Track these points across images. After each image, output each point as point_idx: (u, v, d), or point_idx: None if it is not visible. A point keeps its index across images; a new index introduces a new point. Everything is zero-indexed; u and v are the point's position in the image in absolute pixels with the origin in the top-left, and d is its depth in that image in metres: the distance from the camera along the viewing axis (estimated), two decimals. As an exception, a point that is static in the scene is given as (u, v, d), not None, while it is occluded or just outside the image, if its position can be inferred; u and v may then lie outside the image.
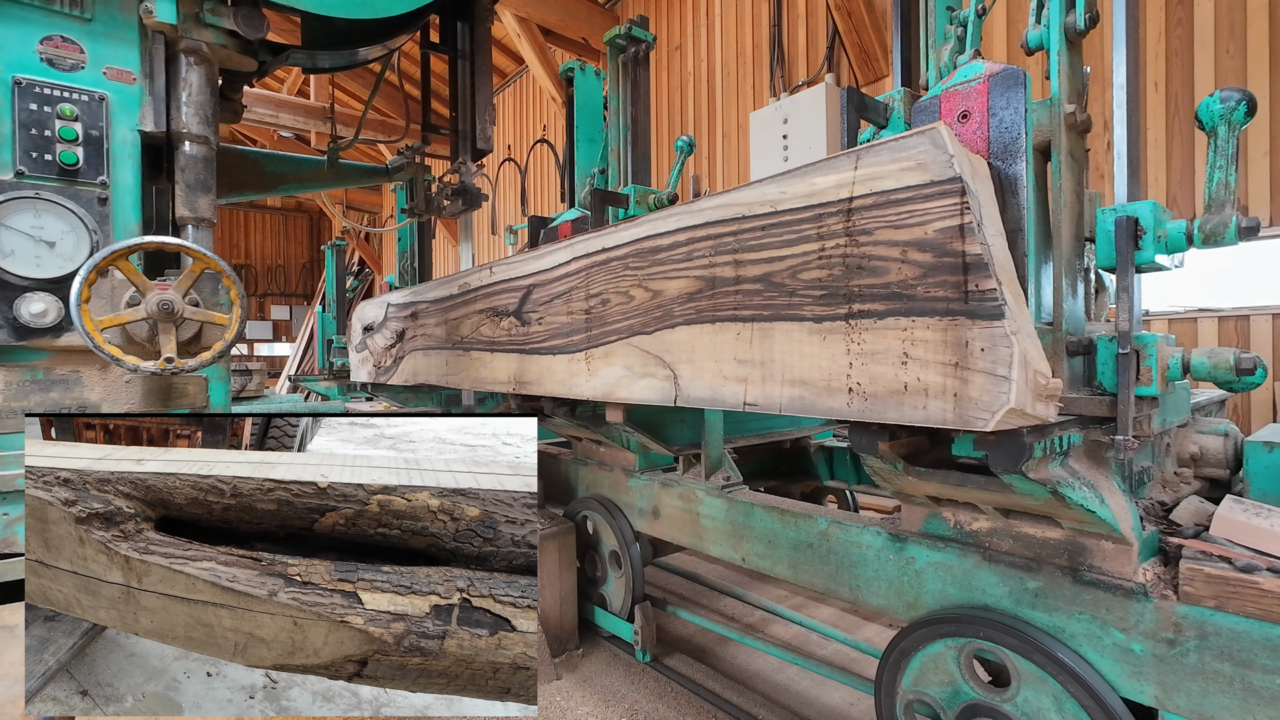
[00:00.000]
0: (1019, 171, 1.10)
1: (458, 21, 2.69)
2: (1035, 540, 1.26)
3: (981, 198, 1.00)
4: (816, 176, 1.14)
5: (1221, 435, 1.64)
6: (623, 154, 2.78)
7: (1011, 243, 1.09)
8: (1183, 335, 3.79)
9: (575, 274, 1.78)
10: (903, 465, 1.28)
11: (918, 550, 1.41)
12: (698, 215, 1.39)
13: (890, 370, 1.04)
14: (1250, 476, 1.47)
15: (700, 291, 1.38)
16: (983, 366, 0.93)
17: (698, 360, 1.39)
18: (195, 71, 1.70)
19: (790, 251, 1.19)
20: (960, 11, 1.44)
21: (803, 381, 1.18)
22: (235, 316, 1.61)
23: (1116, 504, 1.17)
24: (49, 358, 1.57)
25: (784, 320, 1.20)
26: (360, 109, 10.57)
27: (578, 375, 1.78)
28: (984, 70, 1.13)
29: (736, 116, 6.38)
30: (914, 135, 1.01)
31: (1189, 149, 3.72)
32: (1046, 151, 1.19)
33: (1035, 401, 0.95)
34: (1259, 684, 0.99)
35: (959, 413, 0.96)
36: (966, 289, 0.95)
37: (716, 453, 2.06)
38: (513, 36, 7.57)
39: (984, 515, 1.35)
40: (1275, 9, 3.45)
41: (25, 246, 1.49)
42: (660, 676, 2.34)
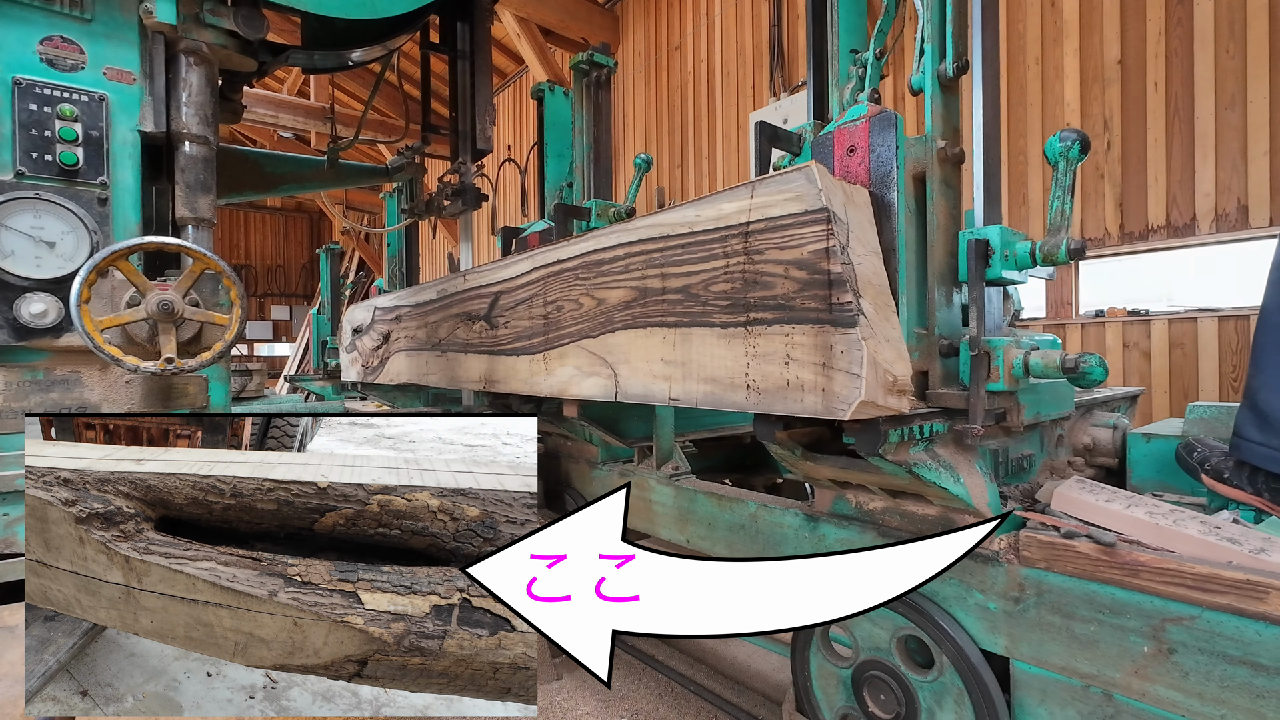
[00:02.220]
0: (893, 199, 1.26)
1: (458, 21, 2.69)
2: (917, 516, 1.44)
3: (852, 223, 1.17)
4: (723, 203, 1.31)
5: (1111, 428, 1.82)
6: (586, 170, 2.93)
7: (887, 260, 1.25)
8: (1183, 335, 3.79)
9: (535, 282, 1.94)
10: (801, 451, 1.46)
11: (828, 528, 1.59)
12: (633, 233, 1.54)
13: (777, 369, 1.22)
14: (1132, 464, 1.72)
15: (635, 300, 1.54)
16: (842, 366, 1.11)
17: (633, 361, 1.56)
18: (195, 72, 1.70)
19: (704, 267, 1.36)
20: (862, 54, 1.61)
21: (713, 379, 1.35)
22: (235, 317, 1.61)
23: (974, 483, 1.34)
24: (49, 358, 1.57)
25: (699, 326, 1.37)
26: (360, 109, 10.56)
27: (537, 374, 1.95)
28: (866, 112, 1.30)
29: (736, 117, 6.38)
30: (794, 171, 1.18)
31: (1189, 149, 3.72)
32: (923, 180, 1.34)
33: (886, 395, 1.12)
34: (1080, 631, 1.16)
35: (826, 404, 1.14)
36: (830, 301, 1.12)
37: (667, 445, 2.23)
38: (513, 36, 7.57)
39: (877, 496, 1.53)
40: (1275, 9, 3.45)
41: (25, 247, 1.49)
42: (660, 676, 2.34)
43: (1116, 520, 1.23)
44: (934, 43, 1.38)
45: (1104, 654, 1.13)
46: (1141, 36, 3.94)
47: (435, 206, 3.07)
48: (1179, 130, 3.77)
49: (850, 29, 1.67)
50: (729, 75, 6.50)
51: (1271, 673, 0.97)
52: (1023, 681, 1.25)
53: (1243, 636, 0.99)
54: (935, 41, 1.38)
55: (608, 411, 2.32)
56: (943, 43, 1.37)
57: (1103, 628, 1.13)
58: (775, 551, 1.71)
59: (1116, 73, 4.05)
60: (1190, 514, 1.22)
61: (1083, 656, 1.15)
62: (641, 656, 2.45)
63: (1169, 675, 1.06)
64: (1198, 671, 1.03)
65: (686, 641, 2.61)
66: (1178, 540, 1.13)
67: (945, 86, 1.39)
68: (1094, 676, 1.14)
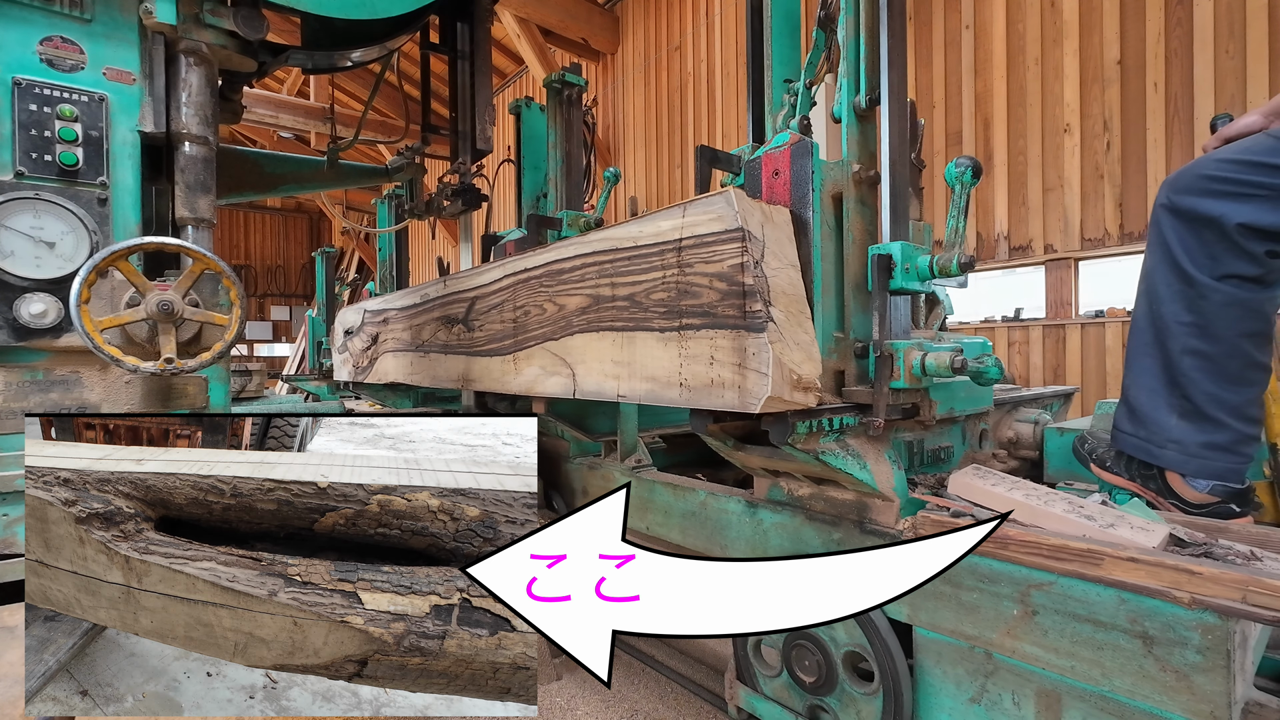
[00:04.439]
0: (809, 218, 1.40)
1: (458, 22, 2.69)
2: (838, 501, 1.59)
3: (769, 240, 1.31)
4: (662, 221, 1.45)
5: (1032, 423, 2.01)
6: (559, 182, 3.12)
7: (805, 273, 1.39)
8: (1182, 335, 3.79)
9: (506, 289, 2.08)
10: (733, 442, 1.61)
11: (765, 514, 1.74)
12: (588, 246, 1.68)
13: (704, 369, 1.35)
14: (1048, 456, 1.91)
15: (590, 306, 1.67)
16: (754, 366, 1.24)
17: (588, 361, 1.69)
18: (195, 72, 1.69)
19: (646, 277, 1.49)
20: (794, 84, 1.75)
21: (653, 378, 1.48)
22: (235, 317, 1.61)
23: (880, 470, 1.49)
24: (49, 358, 1.57)
25: (642, 330, 1.50)
26: (360, 109, 10.56)
27: (508, 374, 2.10)
28: (788, 140, 1.44)
29: (736, 117, 6.38)
30: (717, 195, 1.32)
31: (1189, 149, 3.72)
32: (841, 199, 1.48)
33: (792, 392, 1.25)
34: (965, 599, 1.29)
35: (741, 400, 1.27)
36: (745, 309, 1.25)
37: (630, 440, 2.39)
38: (512, 37, 7.57)
39: (804, 483, 1.67)
40: (1275, 9, 3.45)
41: (25, 247, 1.49)
42: (660, 676, 2.34)
43: (998, 501, 1.40)
44: (850, 78, 1.54)
45: (984, 618, 1.27)
46: (1141, 37, 3.94)
47: (435, 207, 3.07)
48: (1179, 130, 3.77)
49: (783, 60, 1.81)
50: (729, 75, 6.50)
51: (1108, 628, 1.13)
52: (922, 645, 1.39)
53: (1086, 598, 1.14)
54: (851, 77, 1.54)
55: (575, 409, 2.48)
56: (858, 78, 1.53)
57: (983, 595, 1.27)
58: (720, 535, 1.87)
59: (1116, 73, 4.05)
60: (1061, 496, 1.38)
61: (968, 621, 1.29)
62: (641, 656, 2.46)
63: (1033, 634, 1.21)
64: (1055, 629, 1.18)
65: (686, 641, 2.61)
66: (1045, 518, 1.30)
67: (861, 116, 1.54)
68: (977, 638, 1.28)
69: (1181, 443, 1.40)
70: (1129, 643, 1.10)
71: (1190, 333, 1.37)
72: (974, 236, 4.77)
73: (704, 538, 1.92)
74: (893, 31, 1.49)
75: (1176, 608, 1.05)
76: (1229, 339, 1.34)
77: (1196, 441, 1.39)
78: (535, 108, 3.31)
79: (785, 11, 1.82)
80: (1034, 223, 4.47)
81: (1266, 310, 1.35)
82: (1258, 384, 1.38)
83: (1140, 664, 1.09)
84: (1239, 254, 1.31)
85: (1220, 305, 1.33)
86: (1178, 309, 1.38)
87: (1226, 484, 1.40)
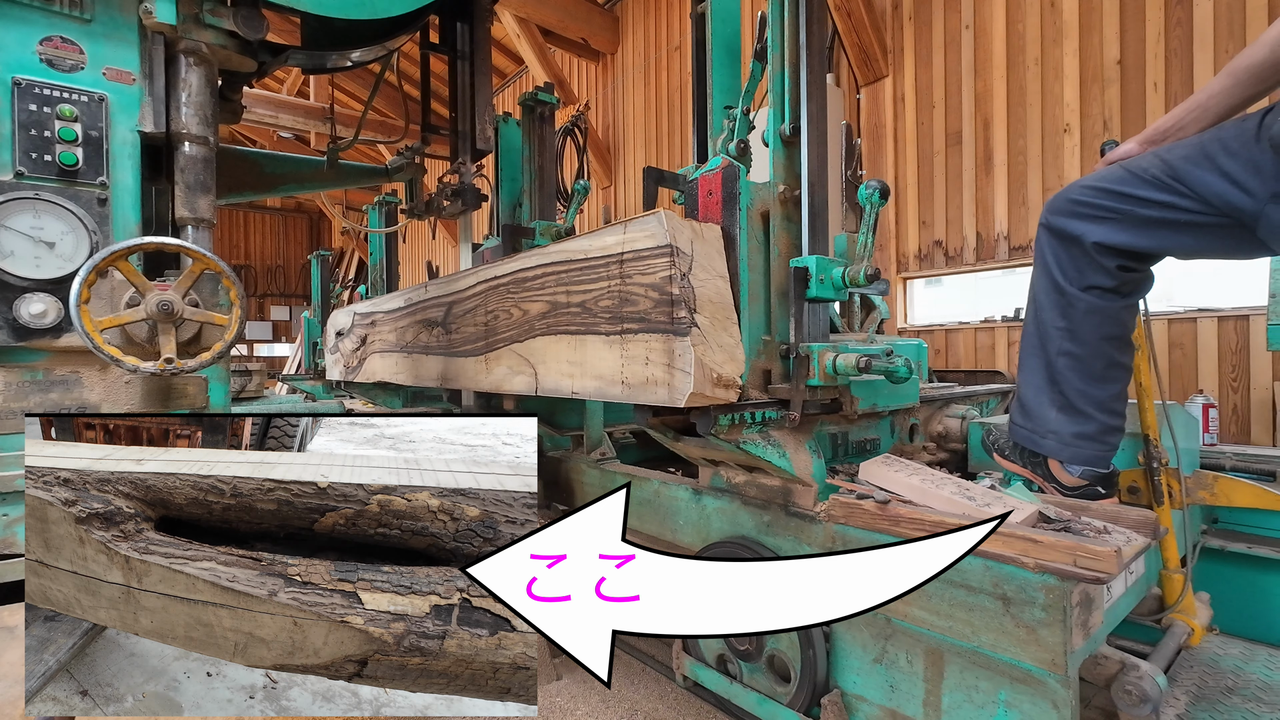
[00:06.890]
0: (737, 234, 1.55)
1: (457, 22, 2.68)
2: (767, 487, 1.76)
3: (697, 254, 1.46)
4: (607, 237, 1.59)
5: (960, 418, 2.19)
6: (532, 194, 3.29)
7: (733, 283, 1.53)
8: (1183, 335, 3.80)
9: (479, 294, 2.23)
10: (673, 434, 1.76)
11: (708, 500, 1.94)
12: (548, 257, 1.82)
13: (641, 368, 1.49)
14: (971, 449, 2.11)
15: (549, 312, 1.82)
16: (680, 366, 1.38)
17: (548, 362, 1.83)
18: (195, 72, 1.69)
19: (595, 286, 1.63)
20: (733, 110, 1.92)
21: (600, 376, 1.61)
22: (235, 317, 1.61)
23: (799, 459, 1.66)
24: (49, 358, 1.57)
25: (591, 334, 1.64)
26: (360, 109, 10.56)
27: (480, 373, 2.24)
28: (720, 164, 1.59)
29: (736, 117, 6.37)
30: (650, 215, 1.47)
31: (1188, 149, 3.71)
32: (768, 217, 1.62)
33: (714, 389, 1.40)
34: None
35: (671, 396, 1.41)
36: (672, 316, 1.40)
37: (596, 434, 2.58)
38: (512, 37, 7.57)
39: (739, 472, 1.83)
40: (1275, 9, 3.45)
41: (25, 247, 1.49)
42: (660, 676, 2.34)
43: (899, 485, 1.57)
44: (776, 108, 1.69)
45: (883, 587, 1.44)
46: (1141, 37, 3.94)
47: (435, 207, 3.07)
48: (1179, 130, 3.76)
49: (724, 88, 1.97)
50: (729, 75, 6.50)
51: (976, 591, 1.30)
52: None
53: (961, 565, 1.20)
54: (777, 107, 1.69)
55: (546, 405, 2.67)
56: (783, 108, 1.68)
57: None
58: (671, 521, 2.06)
59: (1116, 73, 4.05)
60: (953, 480, 1.57)
61: None
62: (641, 656, 2.46)
63: (921, 599, 1.38)
64: (937, 595, 1.36)
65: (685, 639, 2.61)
66: (934, 499, 1.48)
67: (786, 142, 1.68)
68: (878, 606, 1.45)
69: (1058, 433, 1.57)
70: (992, 604, 1.28)
71: (1063, 336, 1.53)
72: (974, 236, 4.77)
73: (657, 523, 2.11)
74: (811, 68, 1.65)
75: (1027, 572, 1.23)
76: (1093, 342, 1.51)
77: (1070, 432, 1.55)
78: (512, 122, 3.50)
79: (725, 44, 1.98)
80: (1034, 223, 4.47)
81: (1124, 317, 1.53)
82: (1119, 381, 1.55)
83: (1000, 622, 1.27)
84: (1097, 268, 1.47)
85: (1084, 312, 1.50)
86: (1054, 315, 1.55)
87: (1094, 469, 1.59)
